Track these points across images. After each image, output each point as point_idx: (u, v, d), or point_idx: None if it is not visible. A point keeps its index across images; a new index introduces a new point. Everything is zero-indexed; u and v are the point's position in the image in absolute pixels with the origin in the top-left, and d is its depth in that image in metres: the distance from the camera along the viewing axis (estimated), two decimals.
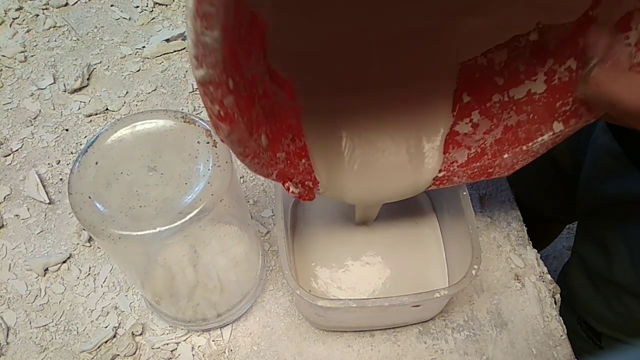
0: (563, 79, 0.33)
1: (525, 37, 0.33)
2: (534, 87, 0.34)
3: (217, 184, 0.31)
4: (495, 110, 0.35)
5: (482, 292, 0.43)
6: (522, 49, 0.33)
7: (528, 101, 0.34)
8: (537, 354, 0.41)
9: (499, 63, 0.34)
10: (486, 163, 0.35)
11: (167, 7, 0.64)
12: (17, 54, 0.59)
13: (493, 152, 0.35)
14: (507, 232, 0.46)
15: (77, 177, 0.31)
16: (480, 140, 0.36)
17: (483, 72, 0.34)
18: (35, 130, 0.54)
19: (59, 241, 0.47)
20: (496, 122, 0.35)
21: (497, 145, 0.35)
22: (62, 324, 0.43)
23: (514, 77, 0.34)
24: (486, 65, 0.34)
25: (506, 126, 0.35)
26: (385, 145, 0.36)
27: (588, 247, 0.52)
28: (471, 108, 0.36)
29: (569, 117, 0.32)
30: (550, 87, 0.33)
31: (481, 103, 0.35)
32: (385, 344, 0.41)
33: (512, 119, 0.35)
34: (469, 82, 0.35)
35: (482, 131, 0.36)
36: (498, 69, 0.34)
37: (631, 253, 0.45)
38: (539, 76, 0.34)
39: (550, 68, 0.33)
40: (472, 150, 0.36)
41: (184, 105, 0.55)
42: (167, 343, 0.41)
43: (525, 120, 0.34)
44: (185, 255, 0.34)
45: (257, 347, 0.41)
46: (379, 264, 0.42)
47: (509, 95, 0.35)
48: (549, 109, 0.33)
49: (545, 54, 0.33)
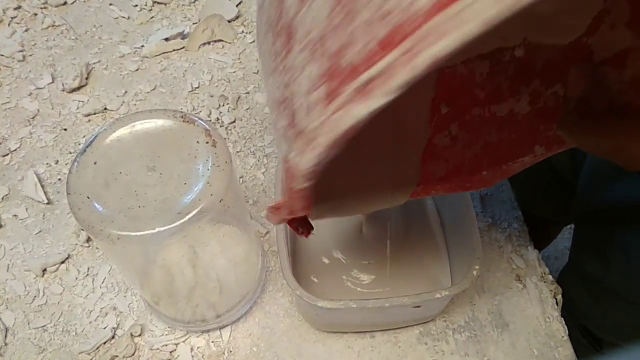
0: (549, 104, 0.32)
1: (510, 51, 0.32)
2: (517, 106, 0.33)
3: (217, 184, 0.30)
4: (475, 125, 0.34)
5: (483, 293, 0.43)
6: (506, 64, 0.32)
7: (510, 120, 0.33)
8: (539, 354, 0.40)
9: (480, 75, 0.33)
10: (464, 177, 0.35)
11: (166, 6, 0.64)
12: (16, 53, 0.59)
13: (471, 168, 0.35)
14: (509, 233, 0.46)
15: (76, 177, 0.30)
16: (459, 154, 0.35)
17: (463, 83, 0.33)
18: (34, 129, 0.53)
19: (57, 241, 0.46)
20: (476, 136, 0.34)
21: (476, 160, 0.34)
22: (61, 325, 0.42)
23: (496, 93, 0.33)
24: (466, 75, 0.33)
25: (486, 142, 0.34)
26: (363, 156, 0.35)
27: (584, 253, 0.52)
28: (450, 120, 0.35)
29: (552, 142, 0.32)
30: (534, 109, 0.33)
31: (460, 115, 0.34)
32: (385, 345, 0.41)
33: (492, 136, 0.34)
34: (447, 92, 0.34)
35: (461, 145, 0.35)
36: (479, 81, 0.33)
37: (628, 259, 0.45)
38: (522, 96, 0.33)
39: (535, 89, 0.32)
40: (451, 164, 0.35)
41: (183, 104, 0.55)
42: (166, 344, 0.41)
43: (506, 139, 0.34)
44: (184, 256, 0.34)
45: (257, 348, 0.41)
46: (380, 265, 0.42)
47: (490, 111, 0.34)
48: (532, 131, 0.33)
49: (531, 74, 0.32)
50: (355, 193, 0.35)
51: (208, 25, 0.60)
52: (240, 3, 0.63)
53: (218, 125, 0.53)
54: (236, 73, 0.58)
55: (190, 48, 0.60)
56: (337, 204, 0.34)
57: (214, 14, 0.61)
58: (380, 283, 0.42)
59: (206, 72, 0.58)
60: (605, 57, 0.29)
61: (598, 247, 0.49)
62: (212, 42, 0.60)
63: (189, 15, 0.63)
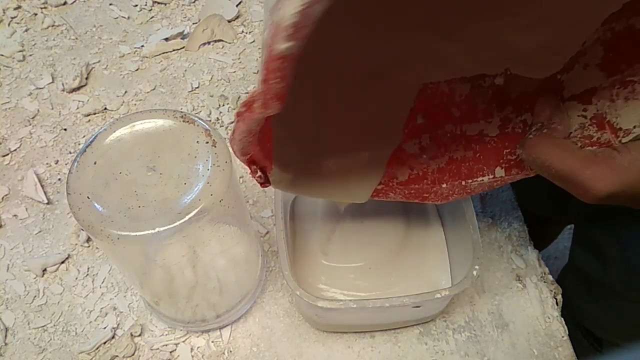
0: (516, 130, 0.34)
1: (491, 79, 0.33)
2: (487, 128, 0.35)
3: (217, 184, 0.30)
4: (445, 140, 0.36)
5: (483, 293, 0.43)
6: (486, 89, 0.34)
7: (478, 140, 0.35)
8: (539, 354, 0.40)
9: (460, 95, 0.34)
10: (424, 187, 0.36)
11: (166, 5, 0.64)
12: (16, 53, 0.59)
13: (433, 179, 0.36)
14: (509, 233, 0.46)
15: (76, 177, 0.30)
16: (423, 164, 0.36)
17: (442, 100, 0.35)
18: (34, 129, 0.53)
19: (57, 241, 0.46)
20: (443, 151, 0.36)
21: (438, 173, 0.36)
22: (61, 325, 0.42)
23: (471, 113, 0.35)
24: (447, 93, 0.35)
25: (451, 158, 0.36)
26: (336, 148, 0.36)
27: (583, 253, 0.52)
28: (423, 131, 0.36)
29: (512, 166, 0.34)
30: (502, 133, 0.34)
31: (434, 129, 0.36)
32: (385, 345, 0.41)
33: (459, 153, 0.35)
34: (427, 105, 0.35)
35: (428, 156, 0.36)
36: (457, 101, 0.35)
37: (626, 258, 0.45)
38: (494, 120, 0.34)
39: (507, 115, 0.34)
40: (414, 172, 0.36)
41: (183, 104, 0.55)
42: (166, 344, 0.41)
43: (471, 157, 0.35)
44: (184, 256, 0.34)
45: (257, 348, 0.41)
46: (380, 265, 0.42)
47: (461, 129, 0.35)
48: (496, 153, 0.34)
49: (506, 101, 0.34)
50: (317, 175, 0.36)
51: (208, 25, 0.60)
52: (240, 3, 0.63)
53: (218, 125, 0.53)
54: (236, 73, 0.58)
55: (190, 48, 0.60)
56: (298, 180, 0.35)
57: (214, 14, 0.61)
58: (380, 283, 0.42)
59: (206, 72, 0.58)
60: (574, 93, 0.31)
61: (597, 246, 0.49)
62: (212, 42, 0.60)
63: (189, 15, 0.63)
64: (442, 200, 0.36)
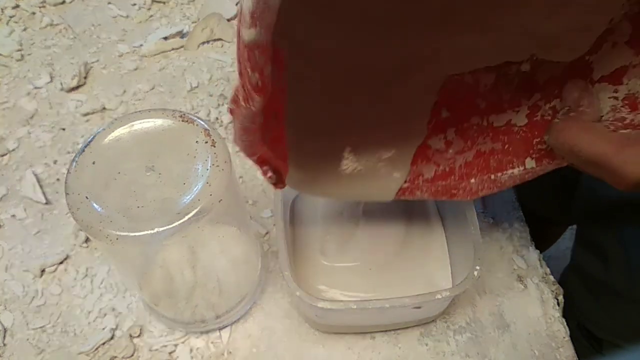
0: (545, 117, 0.32)
1: (516, 66, 0.32)
2: (515, 118, 0.33)
3: (216, 184, 0.30)
4: (471, 133, 0.34)
5: (484, 294, 0.43)
6: (511, 77, 0.32)
7: (506, 131, 0.34)
8: (540, 355, 0.40)
9: (485, 85, 0.33)
10: (451, 183, 0.35)
11: (164, 4, 0.64)
12: (14, 53, 0.59)
13: (460, 174, 0.35)
14: (510, 233, 0.46)
15: (74, 177, 0.30)
16: (450, 159, 0.35)
17: (467, 91, 0.33)
18: (32, 129, 0.53)
19: (55, 242, 0.46)
20: (470, 144, 0.34)
21: (466, 168, 0.35)
22: (59, 326, 0.42)
23: (497, 104, 0.33)
24: (472, 84, 0.33)
25: (479, 151, 0.34)
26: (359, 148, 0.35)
27: (585, 253, 0.52)
28: (448, 125, 0.35)
29: (543, 156, 0.32)
30: (531, 122, 0.33)
31: (459, 122, 0.34)
32: (386, 346, 0.41)
33: (486, 145, 0.34)
34: (450, 98, 0.34)
35: (454, 151, 0.35)
36: (482, 92, 0.33)
37: (628, 258, 0.44)
38: (522, 108, 0.33)
39: (535, 103, 0.33)
40: (440, 168, 0.35)
41: (182, 104, 0.55)
42: (165, 345, 0.41)
43: (499, 150, 0.34)
44: (183, 256, 0.34)
45: (256, 349, 0.41)
46: (380, 265, 0.42)
47: (488, 121, 0.34)
48: (526, 143, 0.33)
49: (533, 88, 0.32)
50: (339, 175, 0.35)
51: (207, 24, 0.59)
52: (239, 2, 0.63)
53: (217, 124, 0.53)
54: (235, 72, 0.57)
55: (189, 47, 0.59)
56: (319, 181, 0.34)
57: (213, 13, 0.60)
58: (381, 284, 0.41)
59: (205, 71, 0.57)
60: (604, 74, 0.30)
61: (599, 245, 0.49)
62: (211, 41, 0.60)
63: (188, 14, 0.63)
64: (472, 196, 0.34)
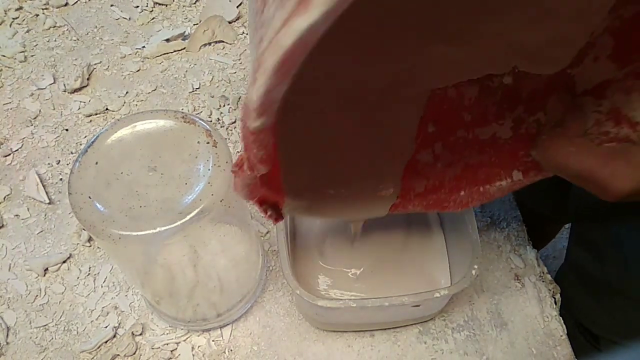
0: (530, 130, 0.33)
1: (499, 79, 0.32)
2: (500, 131, 0.34)
3: (217, 184, 0.31)
4: (458, 146, 0.35)
5: (482, 292, 0.43)
6: (494, 89, 0.32)
7: (492, 144, 0.34)
8: (537, 353, 0.41)
9: (469, 99, 0.33)
10: (442, 197, 0.35)
11: (167, 6, 0.64)
12: (17, 54, 0.59)
13: (450, 187, 0.35)
14: (507, 232, 0.46)
15: (77, 177, 0.31)
16: (439, 173, 0.35)
17: (451, 105, 0.33)
18: (35, 130, 0.54)
19: (58, 241, 0.47)
20: (458, 157, 0.35)
21: (455, 181, 0.35)
22: (62, 324, 0.42)
23: (482, 117, 0.34)
24: (456, 98, 0.33)
25: (467, 164, 0.35)
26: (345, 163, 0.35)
27: (581, 250, 0.52)
28: (435, 139, 0.35)
29: (529, 169, 0.32)
30: (516, 134, 0.33)
31: (445, 136, 0.35)
32: (385, 344, 0.41)
33: (473, 158, 0.34)
34: (436, 112, 0.34)
35: (442, 164, 0.35)
36: (467, 105, 0.33)
37: (624, 255, 0.45)
38: (506, 121, 0.33)
39: (519, 115, 0.33)
40: (431, 182, 0.35)
41: (184, 105, 0.55)
42: (167, 343, 0.41)
43: (486, 162, 0.34)
44: (185, 255, 0.34)
45: (257, 347, 0.41)
46: (380, 263, 0.42)
47: (474, 134, 0.34)
48: (512, 156, 0.33)
49: (517, 101, 0.33)
50: (334, 198, 0.35)
51: (209, 26, 0.60)
52: (240, 4, 0.63)
53: (219, 125, 0.54)
54: (237, 74, 0.58)
55: (191, 49, 0.60)
56: (315, 205, 0.34)
57: (215, 15, 0.61)
58: (380, 282, 0.42)
59: (207, 72, 0.58)
60: (586, 88, 0.30)
61: (594, 243, 0.49)
62: (212, 43, 0.60)
63: (189, 16, 0.63)
64: (462, 207, 0.35)
